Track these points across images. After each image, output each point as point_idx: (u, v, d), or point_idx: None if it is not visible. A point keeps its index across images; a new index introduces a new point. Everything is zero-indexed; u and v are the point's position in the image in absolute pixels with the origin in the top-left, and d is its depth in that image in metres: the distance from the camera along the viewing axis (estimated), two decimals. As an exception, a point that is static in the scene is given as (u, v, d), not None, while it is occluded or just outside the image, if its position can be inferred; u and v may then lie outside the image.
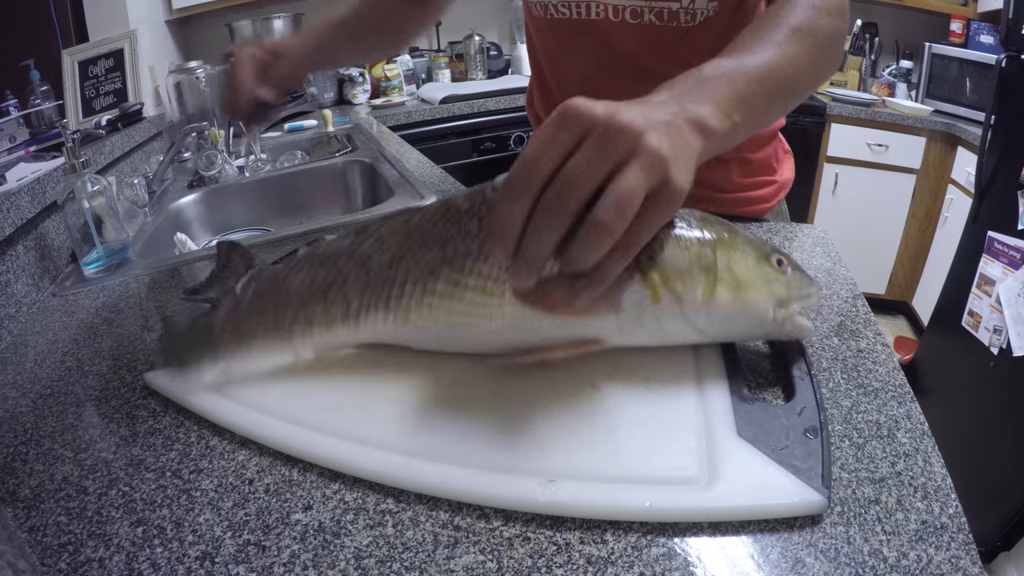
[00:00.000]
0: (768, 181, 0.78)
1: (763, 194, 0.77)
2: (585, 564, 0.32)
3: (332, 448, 0.39)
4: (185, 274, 0.75)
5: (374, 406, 0.43)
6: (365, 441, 0.39)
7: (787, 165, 0.81)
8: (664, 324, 0.41)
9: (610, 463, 0.36)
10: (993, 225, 1.43)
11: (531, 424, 0.40)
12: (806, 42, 0.45)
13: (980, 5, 2.09)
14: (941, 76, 2.09)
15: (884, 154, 2.14)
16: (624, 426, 0.39)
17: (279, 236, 0.84)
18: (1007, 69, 1.43)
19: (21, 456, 0.44)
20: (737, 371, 0.43)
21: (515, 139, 2.19)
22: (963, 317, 1.51)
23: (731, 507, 0.33)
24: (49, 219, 0.83)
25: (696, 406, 0.40)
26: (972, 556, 0.31)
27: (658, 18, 0.62)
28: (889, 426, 0.39)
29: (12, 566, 0.30)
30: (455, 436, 0.40)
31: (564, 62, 0.73)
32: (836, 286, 0.58)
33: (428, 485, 0.36)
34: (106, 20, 1.51)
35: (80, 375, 0.54)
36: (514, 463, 0.37)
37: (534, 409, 0.41)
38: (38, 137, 1.19)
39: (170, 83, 1.53)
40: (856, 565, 0.30)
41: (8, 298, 0.68)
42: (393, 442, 0.39)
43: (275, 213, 1.27)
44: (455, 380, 0.45)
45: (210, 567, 0.33)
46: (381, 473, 0.37)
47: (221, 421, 0.44)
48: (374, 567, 0.32)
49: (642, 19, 0.62)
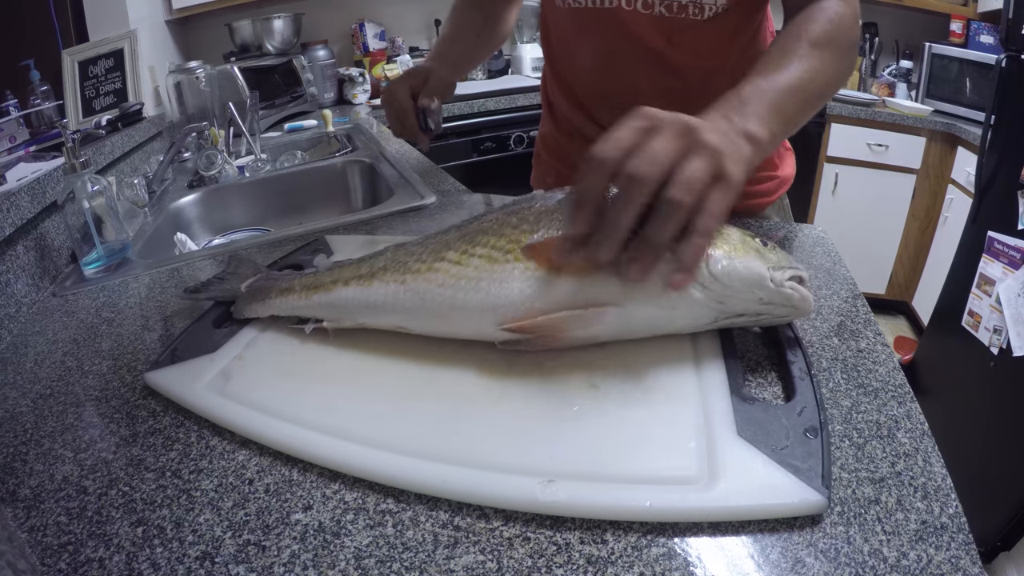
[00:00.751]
0: (769, 176, 0.79)
1: (764, 188, 0.78)
2: (585, 564, 0.32)
3: (332, 448, 0.39)
4: (185, 274, 0.75)
5: (374, 406, 0.43)
6: (365, 441, 0.39)
7: (788, 161, 0.83)
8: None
9: (610, 463, 0.36)
10: (993, 225, 1.43)
11: (531, 424, 0.40)
12: (827, 53, 0.51)
13: (980, 5, 2.09)
14: (941, 76, 2.09)
15: (884, 154, 2.14)
16: (624, 426, 0.39)
17: (279, 236, 0.84)
18: (1007, 69, 1.43)
19: (21, 456, 0.44)
20: (737, 371, 0.43)
21: (515, 139, 2.19)
22: (963, 317, 1.51)
23: (731, 507, 0.33)
24: (49, 219, 0.83)
25: (696, 406, 0.40)
26: (972, 556, 0.31)
27: (667, 10, 0.65)
28: (889, 426, 0.39)
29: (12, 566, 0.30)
30: (455, 436, 0.40)
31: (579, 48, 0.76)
32: (836, 286, 0.58)
33: (428, 485, 0.36)
34: (106, 20, 1.51)
35: (80, 375, 0.54)
36: (514, 463, 0.37)
37: (534, 409, 0.41)
38: (38, 137, 1.19)
39: (170, 83, 1.53)
40: (856, 565, 0.30)
41: (8, 298, 0.68)
42: (393, 442, 0.39)
43: (275, 213, 1.27)
44: (455, 380, 0.45)
45: (210, 567, 0.33)
46: (381, 473, 0.38)
47: (221, 421, 0.44)
48: (374, 567, 0.32)
49: (653, 10, 0.65)
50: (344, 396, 0.44)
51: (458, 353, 0.47)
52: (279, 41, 2.03)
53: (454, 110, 2.06)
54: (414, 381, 0.45)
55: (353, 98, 2.21)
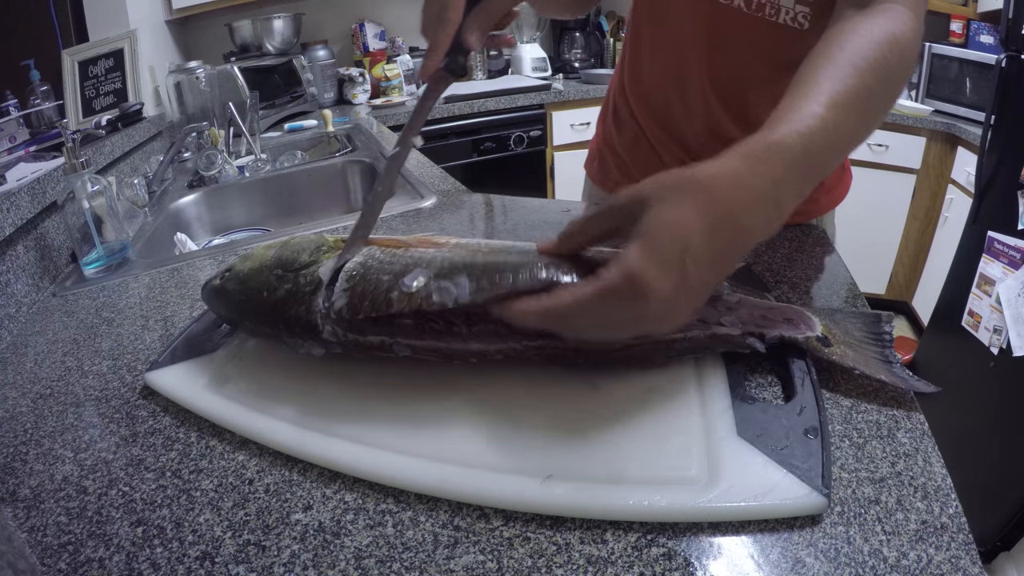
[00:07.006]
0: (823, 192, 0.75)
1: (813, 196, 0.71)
2: (585, 564, 0.32)
3: (332, 448, 0.39)
4: (185, 274, 0.75)
5: (374, 406, 0.43)
6: (365, 441, 0.40)
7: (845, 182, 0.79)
8: None
9: (610, 463, 0.36)
10: (993, 225, 1.43)
11: (531, 424, 0.40)
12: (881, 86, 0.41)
13: (980, 5, 2.09)
14: (941, 76, 2.08)
15: (884, 154, 2.13)
16: (624, 426, 0.39)
17: (279, 236, 0.84)
18: (1007, 69, 1.43)
19: (21, 456, 0.44)
20: (737, 371, 0.43)
21: (515, 139, 2.19)
22: (963, 317, 1.51)
23: (731, 507, 0.33)
24: (49, 219, 0.83)
25: (696, 406, 0.40)
26: (972, 556, 0.31)
27: (747, 5, 0.62)
28: (889, 426, 0.39)
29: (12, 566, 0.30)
30: (455, 436, 0.40)
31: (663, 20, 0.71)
32: (836, 286, 0.58)
33: (428, 485, 0.36)
34: (106, 20, 1.51)
35: (80, 375, 0.54)
36: (514, 463, 0.37)
37: (534, 409, 0.41)
38: (38, 137, 1.19)
39: (170, 83, 1.53)
40: (856, 565, 0.30)
41: (8, 298, 0.68)
42: (393, 442, 0.39)
43: (275, 213, 1.27)
44: (456, 381, 0.45)
45: (210, 567, 0.33)
46: (381, 473, 0.38)
47: (221, 421, 0.44)
48: (374, 567, 0.32)
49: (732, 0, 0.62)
50: (344, 396, 0.44)
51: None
52: (279, 41, 2.03)
53: (454, 110, 2.06)
54: (414, 381, 0.45)
55: (353, 98, 2.21)
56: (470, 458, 0.38)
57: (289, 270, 0.46)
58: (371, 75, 2.24)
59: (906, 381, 0.42)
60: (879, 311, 0.50)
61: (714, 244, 0.33)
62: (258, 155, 1.34)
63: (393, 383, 0.45)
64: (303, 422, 0.42)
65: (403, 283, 0.41)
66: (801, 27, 0.60)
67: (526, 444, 0.38)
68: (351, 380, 0.46)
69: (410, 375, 0.46)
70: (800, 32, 0.60)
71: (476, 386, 0.44)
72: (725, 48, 0.65)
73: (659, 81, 0.73)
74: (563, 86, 2.33)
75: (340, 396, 0.45)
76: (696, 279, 0.33)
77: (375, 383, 0.46)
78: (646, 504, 0.33)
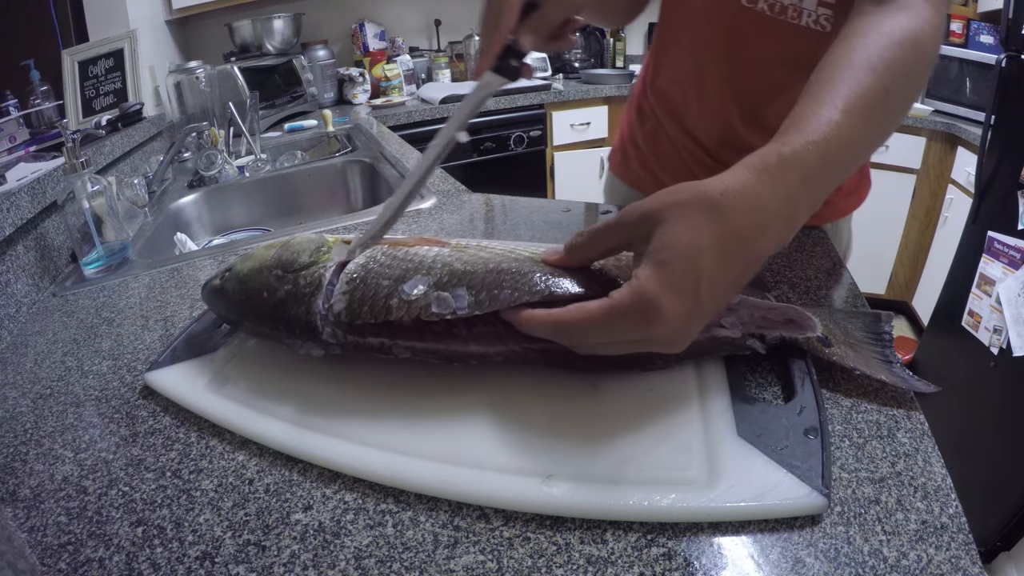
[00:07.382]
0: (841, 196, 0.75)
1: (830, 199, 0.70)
2: (585, 564, 0.32)
3: (332, 448, 0.39)
4: (185, 274, 0.75)
5: (374, 406, 0.43)
6: (365, 441, 0.40)
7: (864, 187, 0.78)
8: None
9: (610, 463, 0.36)
10: (993, 225, 1.43)
11: (531, 424, 0.40)
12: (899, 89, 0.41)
13: (980, 5, 2.09)
14: (941, 76, 2.08)
15: (884, 154, 2.13)
16: (624, 426, 0.39)
17: (279, 236, 0.84)
18: (1007, 69, 1.43)
19: (21, 456, 0.44)
20: (737, 371, 0.43)
21: (515, 139, 2.19)
22: (963, 317, 1.51)
23: (731, 507, 0.33)
24: (49, 219, 0.83)
25: (696, 406, 0.40)
26: (972, 556, 0.31)
27: (770, 8, 0.62)
28: (889, 426, 0.39)
29: (12, 566, 0.30)
30: (455, 436, 0.40)
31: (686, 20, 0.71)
32: (836, 286, 0.58)
33: (428, 485, 0.36)
34: (106, 20, 1.51)
35: (80, 375, 0.54)
36: (514, 463, 0.37)
37: (534, 409, 0.41)
38: (38, 137, 1.19)
39: (170, 83, 1.53)
40: (856, 565, 0.30)
41: (8, 298, 0.68)
42: (393, 442, 0.39)
43: (275, 213, 1.27)
44: (456, 381, 0.45)
45: (210, 567, 0.33)
46: (381, 473, 0.37)
47: (221, 421, 0.44)
48: (374, 567, 0.32)
49: (756, 3, 0.62)
50: (344, 397, 0.44)
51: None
52: (279, 41, 2.03)
53: (454, 110, 2.06)
54: (414, 381, 0.45)
55: (353, 98, 2.21)
56: (470, 458, 0.38)
57: (289, 271, 0.46)
58: (371, 75, 2.24)
59: (906, 381, 0.42)
60: (879, 311, 0.50)
61: (727, 270, 0.33)
62: (258, 155, 1.34)
63: (393, 383, 0.45)
64: (303, 422, 0.42)
65: (403, 290, 0.41)
66: (823, 29, 0.60)
67: (526, 444, 0.38)
68: (351, 380, 0.46)
69: (410, 375, 0.46)
70: (822, 35, 0.60)
71: (477, 386, 0.44)
72: (746, 51, 0.65)
73: (678, 79, 0.73)
74: (563, 86, 2.33)
75: (340, 396, 0.45)
76: (709, 303, 0.33)
77: (375, 383, 0.46)
78: (646, 504, 0.33)
